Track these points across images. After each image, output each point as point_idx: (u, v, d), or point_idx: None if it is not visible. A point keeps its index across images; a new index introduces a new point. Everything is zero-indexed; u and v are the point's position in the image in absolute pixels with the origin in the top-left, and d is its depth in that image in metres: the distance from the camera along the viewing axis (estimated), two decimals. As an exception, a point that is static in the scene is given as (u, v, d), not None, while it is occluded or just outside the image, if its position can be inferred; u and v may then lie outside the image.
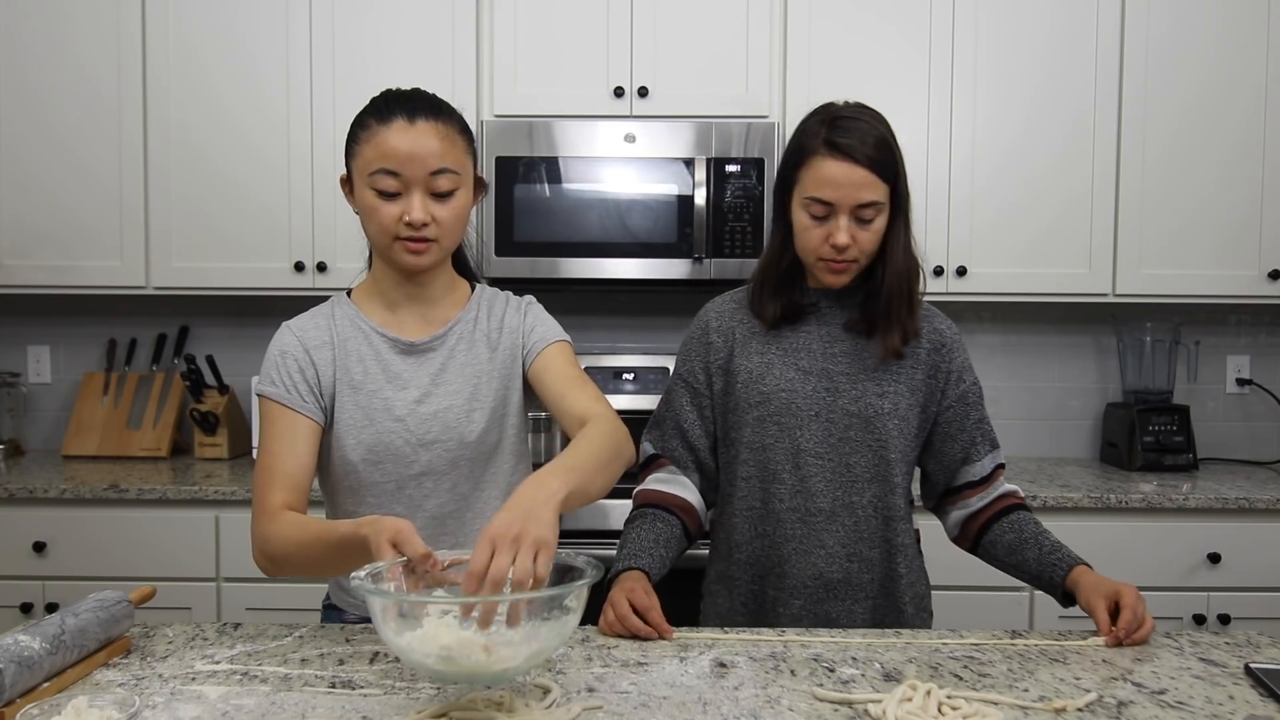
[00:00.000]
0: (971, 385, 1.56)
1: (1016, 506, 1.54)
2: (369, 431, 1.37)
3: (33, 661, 1.08)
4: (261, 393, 1.37)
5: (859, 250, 1.43)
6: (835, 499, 1.50)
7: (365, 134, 1.31)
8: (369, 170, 1.30)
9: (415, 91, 1.36)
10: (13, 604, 2.38)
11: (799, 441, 1.49)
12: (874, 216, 1.43)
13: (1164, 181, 2.62)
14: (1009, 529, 1.52)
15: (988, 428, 1.57)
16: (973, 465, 1.55)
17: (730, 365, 1.54)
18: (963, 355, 1.56)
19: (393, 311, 1.42)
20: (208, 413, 2.72)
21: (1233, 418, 2.99)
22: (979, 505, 1.55)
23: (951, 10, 2.59)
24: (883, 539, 1.52)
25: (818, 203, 1.42)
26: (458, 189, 1.33)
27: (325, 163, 2.61)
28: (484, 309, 1.46)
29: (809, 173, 1.43)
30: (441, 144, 1.30)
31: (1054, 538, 1.49)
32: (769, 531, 1.52)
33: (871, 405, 1.49)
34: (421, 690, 1.14)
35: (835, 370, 1.51)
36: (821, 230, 1.43)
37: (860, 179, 1.39)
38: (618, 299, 2.94)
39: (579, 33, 2.60)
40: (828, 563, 1.50)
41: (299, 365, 1.38)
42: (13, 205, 2.64)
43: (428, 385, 1.39)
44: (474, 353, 1.42)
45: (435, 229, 1.32)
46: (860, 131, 1.41)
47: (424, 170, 1.29)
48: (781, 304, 1.52)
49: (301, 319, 1.44)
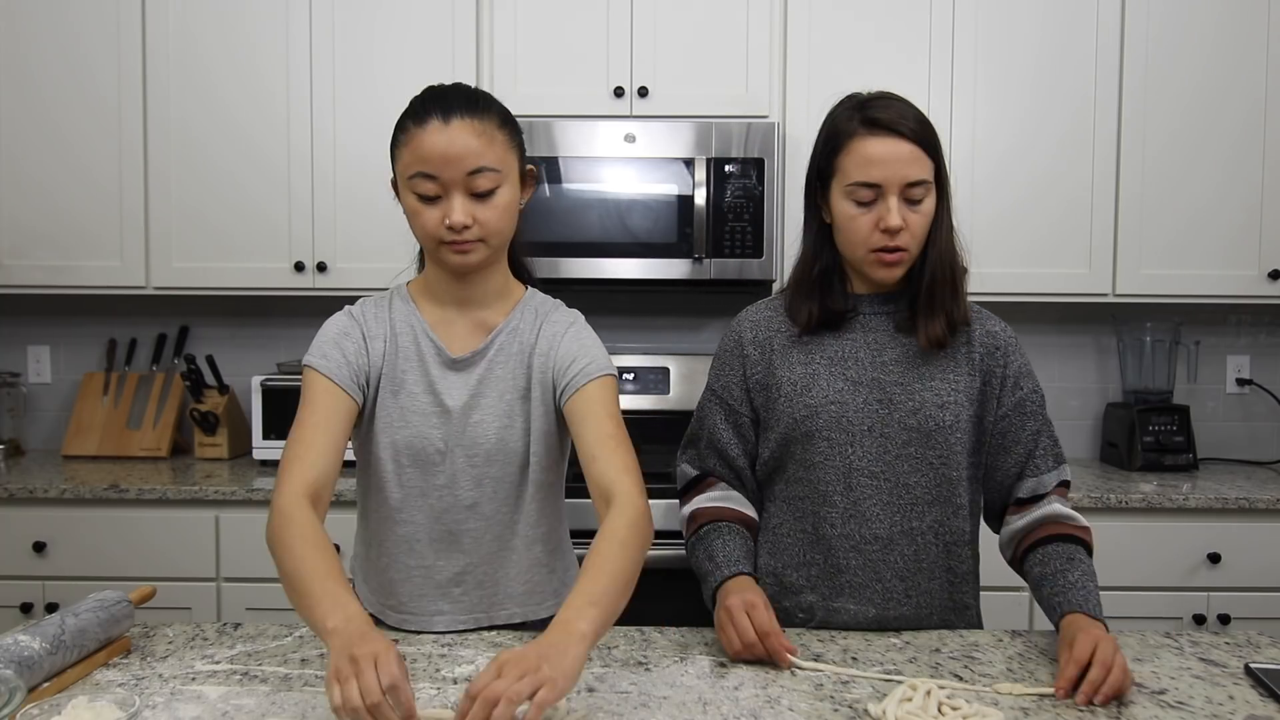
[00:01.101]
0: (1030, 392, 1.42)
1: (1055, 538, 1.37)
2: (404, 432, 1.35)
3: (33, 661, 1.08)
4: (312, 365, 1.32)
5: (910, 236, 1.33)
6: (893, 524, 1.37)
7: (404, 137, 1.28)
8: (408, 174, 1.28)
9: (454, 87, 1.32)
10: (13, 604, 2.38)
11: (850, 460, 1.37)
12: (923, 197, 1.33)
13: (1164, 181, 2.62)
14: (1037, 563, 1.36)
15: (1051, 440, 1.42)
16: (1027, 481, 1.41)
17: (770, 378, 1.43)
18: (1020, 359, 1.42)
19: (443, 311, 1.39)
20: (208, 413, 2.72)
21: (1233, 418, 2.99)
22: (1018, 524, 1.41)
23: (951, 10, 2.59)
24: (945, 568, 1.40)
25: (863, 187, 1.32)
26: (499, 186, 1.28)
27: (325, 163, 2.61)
28: (527, 318, 1.41)
29: (849, 157, 1.33)
30: (479, 141, 1.26)
31: (1073, 576, 1.31)
32: (817, 560, 1.40)
33: (931, 418, 1.37)
34: (421, 691, 1.14)
35: (887, 380, 1.38)
36: (870, 216, 1.33)
37: (907, 154, 1.30)
38: (618, 299, 2.94)
39: (579, 33, 2.60)
40: (885, 599, 1.38)
41: (356, 348, 1.35)
42: (12, 205, 2.64)
43: (465, 398, 1.36)
44: (510, 366, 1.38)
45: (478, 229, 1.28)
46: (897, 108, 1.33)
47: (461, 171, 1.25)
48: (818, 307, 1.41)
49: (363, 305, 1.41)
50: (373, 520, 1.42)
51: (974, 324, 1.43)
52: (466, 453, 1.35)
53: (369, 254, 2.59)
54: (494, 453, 1.36)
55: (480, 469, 1.36)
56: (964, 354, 1.41)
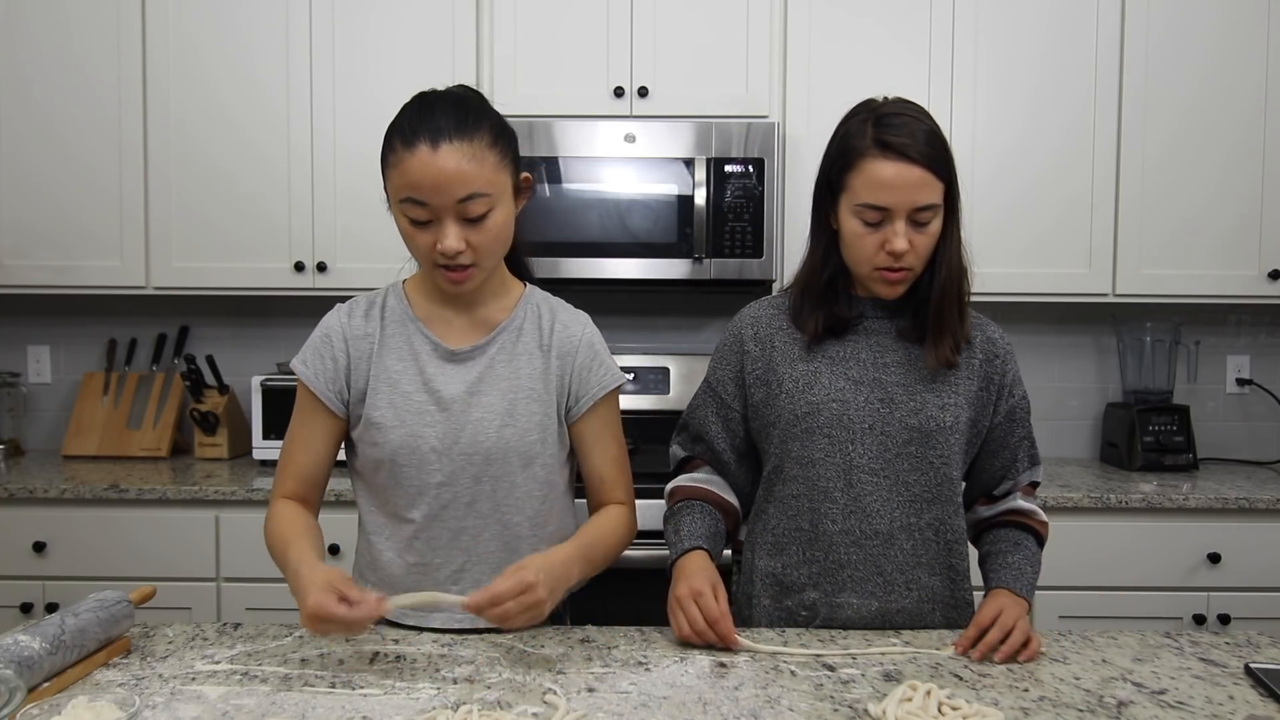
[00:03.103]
0: (1020, 399, 1.46)
1: (1012, 525, 1.47)
2: (398, 432, 1.35)
3: (33, 661, 1.08)
4: (297, 372, 1.39)
5: (915, 257, 1.34)
6: (893, 520, 1.39)
7: (393, 157, 1.26)
8: (398, 198, 1.27)
9: (443, 101, 1.28)
10: (13, 604, 2.38)
11: (851, 457, 1.38)
12: (930, 219, 1.32)
13: (1164, 181, 2.62)
14: (988, 542, 1.48)
15: (1030, 443, 1.48)
16: (1006, 482, 1.49)
17: (770, 375, 1.44)
18: (1014, 367, 1.46)
19: (441, 308, 1.40)
20: (208, 413, 2.72)
21: (1233, 418, 2.99)
22: (986, 514, 1.50)
23: (951, 10, 2.59)
24: (946, 565, 1.42)
25: (871, 209, 1.31)
26: (492, 209, 1.27)
27: (325, 163, 2.61)
28: (531, 317, 1.41)
29: (859, 177, 1.32)
30: (470, 166, 1.23)
31: (1012, 558, 1.41)
32: (818, 557, 1.41)
33: (933, 419, 1.38)
34: (421, 691, 1.14)
35: (889, 381, 1.40)
36: (876, 237, 1.33)
37: (916, 179, 1.29)
38: (618, 299, 2.94)
39: (579, 33, 2.60)
40: (887, 592, 1.40)
41: (333, 355, 1.38)
42: (12, 205, 2.64)
43: (463, 395, 1.36)
44: (514, 365, 1.38)
45: (471, 254, 1.27)
46: (910, 127, 1.31)
47: (451, 199, 1.24)
48: (824, 316, 1.41)
49: (355, 303, 1.42)
50: (371, 519, 1.42)
51: (974, 330, 1.44)
52: (465, 451, 1.35)
53: (369, 254, 2.59)
54: (493, 451, 1.35)
55: (479, 467, 1.36)
56: (965, 358, 1.42)
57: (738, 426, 1.49)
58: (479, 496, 1.37)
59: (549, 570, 1.22)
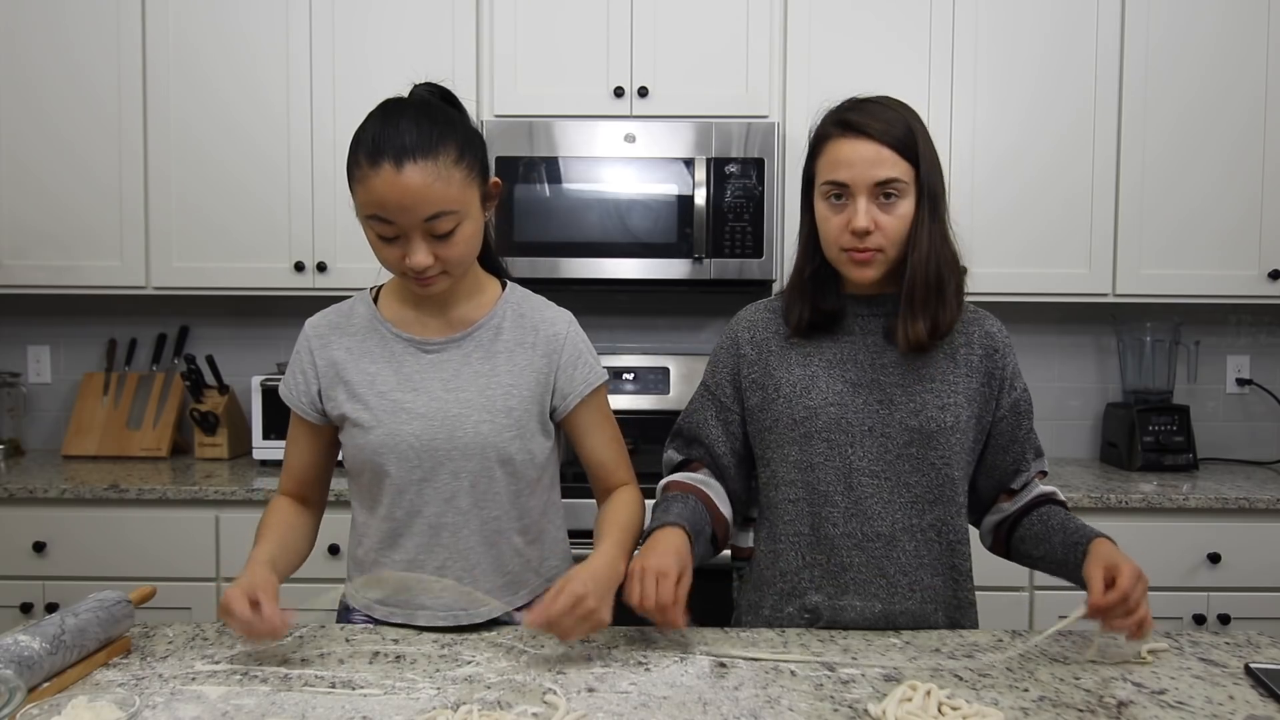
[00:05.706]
0: (1023, 393, 1.45)
1: (1046, 501, 1.45)
2: (377, 433, 1.36)
3: (33, 661, 1.08)
4: (280, 389, 1.46)
5: (884, 238, 1.32)
6: (895, 522, 1.38)
7: (358, 173, 1.25)
8: (364, 214, 1.27)
9: (408, 117, 1.25)
10: (13, 604, 2.38)
11: (851, 460, 1.38)
12: (896, 197, 1.32)
13: (1163, 181, 2.62)
14: (1036, 521, 1.43)
15: (1034, 436, 1.48)
16: (1018, 477, 1.47)
17: (767, 378, 1.43)
18: (1014, 360, 1.45)
19: (414, 311, 1.40)
20: (208, 413, 2.72)
21: (1233, 418, 2.99)
22: (1010, 509, 1.47)
23: (951, 10, 2.59)
24: (948, 565, 1.41)
25: (833, 185, 1.33)
26: (460, 224, 1.27)
27: (325, 162, 2.61)
28: (511, 315, 1.42)
29: (823, 159, 1.35)
30: (435, 185, 1.22)
31: (1080, 521, 1.39)
32: (820, 561, 1.40)
33: (933, 419, 1.37)
34: (421, 690, 1.14)
35: (888, 382, 1.39)
36: (841, 217, 1.33)
37: (873, 155, 1.30)
38: (618, 299, 2.94)
39: (579, 33, 2.60)
40: (890, 594, 1.39)
41: (302, 368, 1.42)
42: (13, 205, 2.64)
43: (439, 390, 1.37)
44: (492, 362, 1.38)
45: (440, 265, 1.28)
46: (873, 111, 1.33)
47: (418, 218, 1.24)
48: (809, 310, 1.42)
49: (322, 315, 1.44)
50: (358, 518, 1.45)
51: (972, 325, 1.43)
52: (443, 447, 1.36)
53: (369, 254, 2.55)
54: (471, 447, 1.36)
55: (457, 463, 1.36)
56: (963, 355, 1.41)
57: (738, 429, 1.48)
58: (458, 493, 1.37)
59: (595, 578, 1.23)
